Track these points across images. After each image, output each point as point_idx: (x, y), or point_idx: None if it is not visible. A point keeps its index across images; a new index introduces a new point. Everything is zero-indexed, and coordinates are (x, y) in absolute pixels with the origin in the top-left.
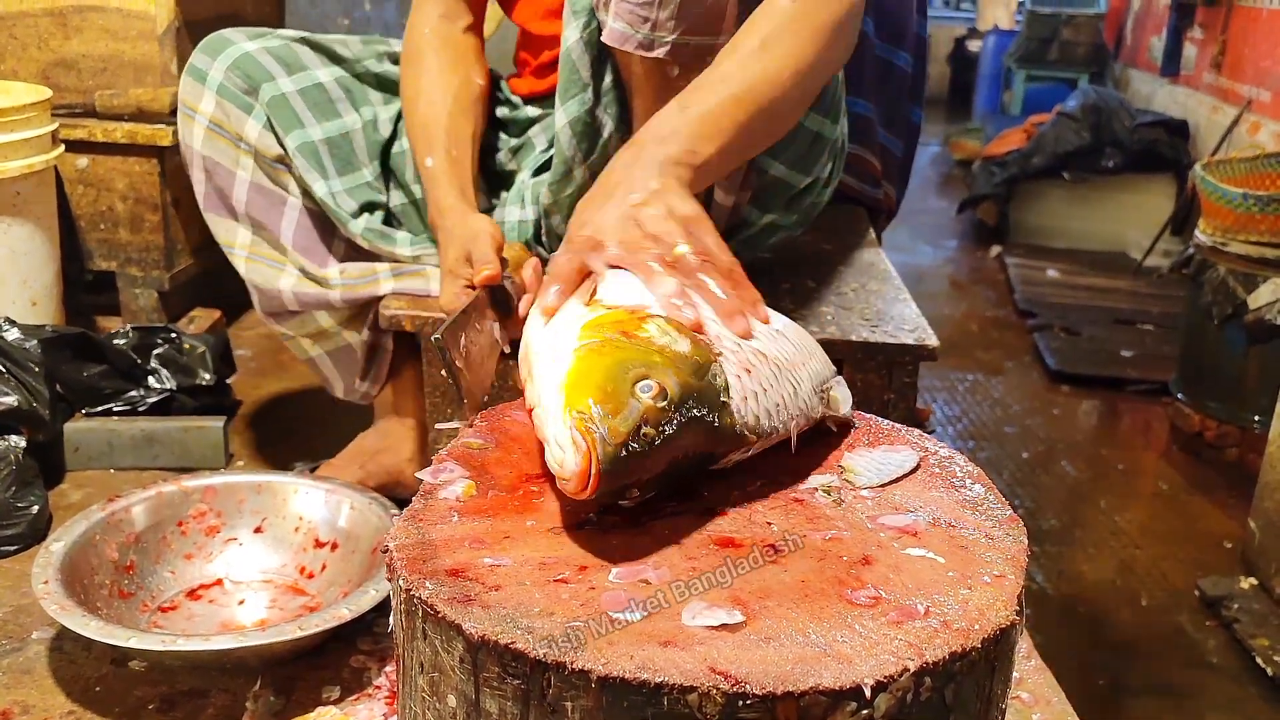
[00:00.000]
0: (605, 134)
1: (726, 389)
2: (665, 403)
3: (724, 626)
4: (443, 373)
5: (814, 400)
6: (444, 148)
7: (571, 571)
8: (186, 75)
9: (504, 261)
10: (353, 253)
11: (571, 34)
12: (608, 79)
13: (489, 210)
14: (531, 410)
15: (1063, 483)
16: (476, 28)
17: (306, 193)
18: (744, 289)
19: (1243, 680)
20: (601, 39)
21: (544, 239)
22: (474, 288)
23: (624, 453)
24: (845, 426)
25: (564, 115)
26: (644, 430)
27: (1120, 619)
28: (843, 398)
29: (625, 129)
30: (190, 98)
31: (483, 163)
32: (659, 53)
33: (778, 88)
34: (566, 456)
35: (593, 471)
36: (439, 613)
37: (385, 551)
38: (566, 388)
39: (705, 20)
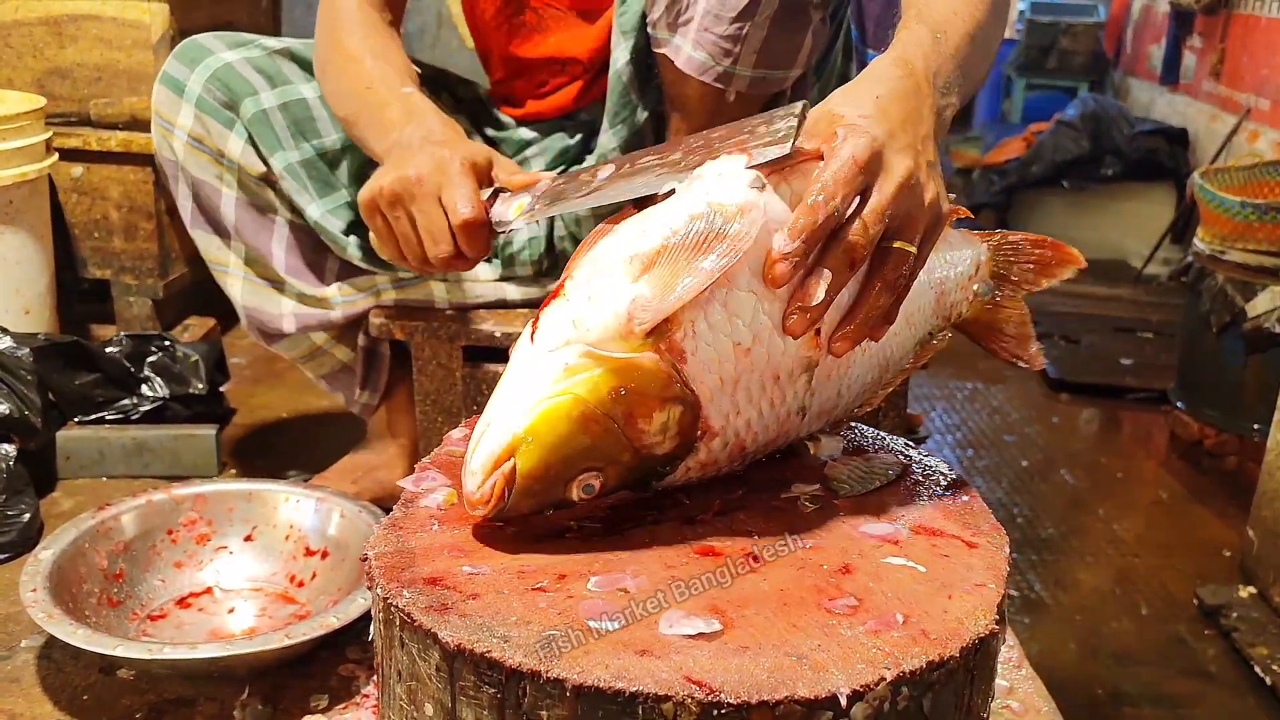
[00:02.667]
0: None
1: (670, 474)
2: (593, 495)
3: (701, 635)
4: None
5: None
6: (418, 86)
7: (550, 580)
8: (161, 85)
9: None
10: (347, 269)
11: (621, 55)
12: (650, 96)
13: None
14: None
15: (1061, 491)
16: (396, 24)
17: (294, 211)
18: (888, 315)
19: (1241, 690)
20: (678, 66)
21: (557, 251)
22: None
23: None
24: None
25: (614, 139)
26: (550, 510)
27: (1118, 628)
28: (827, 449)
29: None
30: (166, 109)
31: None
32: (735, 86)
33: (990, 26)
34: (473, 488)
35: (482, 514)
36: (416, 621)
37: (364, 560)
38: (525, 432)
39: (784, 55)
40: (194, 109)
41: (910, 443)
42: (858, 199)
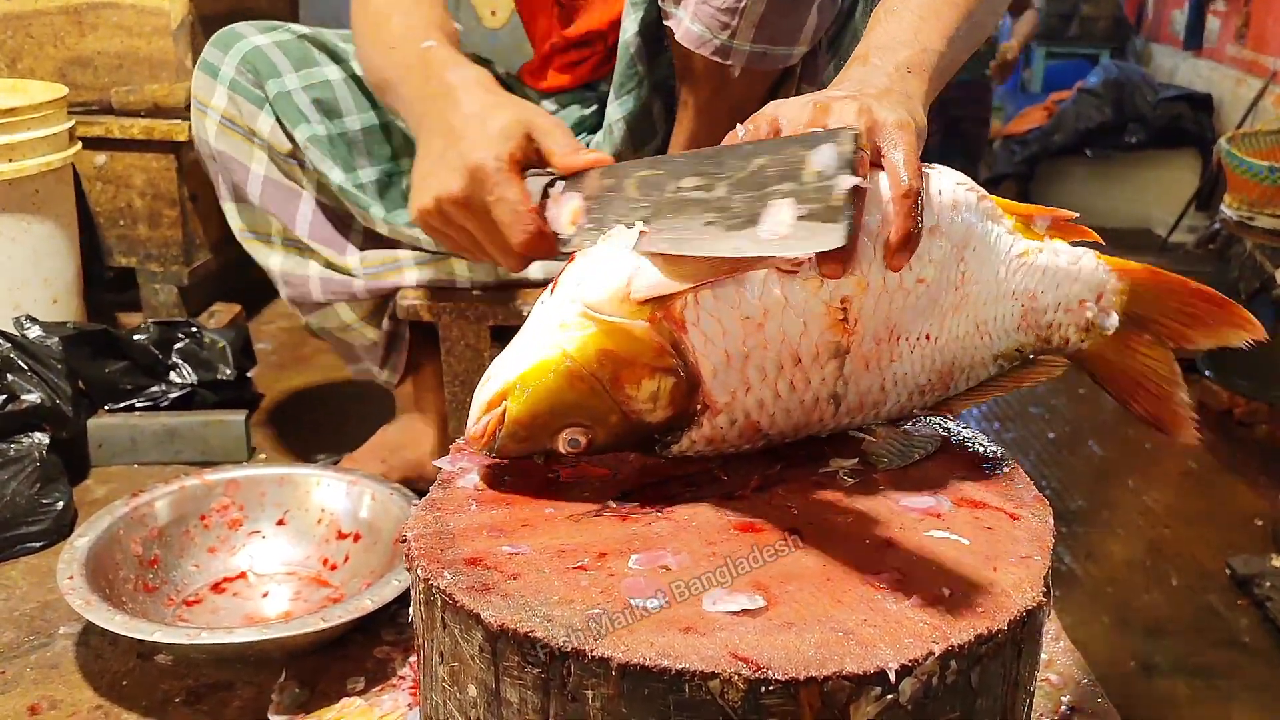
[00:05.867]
0: (656, 124)
1: (674, 443)
2: (578, 449)
3: (745, 612)
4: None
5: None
6: (444, 41)
7: (590, 559)
8: (199, 70)
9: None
10: (370, 242)
11: (630, 26)
12: (660, 70)
13: None
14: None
15: (1090, 463)
16: None
17: (320, 186)
18: (904, 219)
19: (1274, 660)
20: (677, 38)
21: None
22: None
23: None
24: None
25: (620, 110)
26: (537, 457)
27: (1150, 599)
28: (877, 454)
29: (672, 118)
30: (203, 93)
31: None
32: (734, 61)
33: None
34: (472, 424)
35: (478, 449)
36: (457, 602)
37: (404, 541)
38: (516, 380)
39: (785, 31)
40: (227, 90)
41: (947, 415)
42: None
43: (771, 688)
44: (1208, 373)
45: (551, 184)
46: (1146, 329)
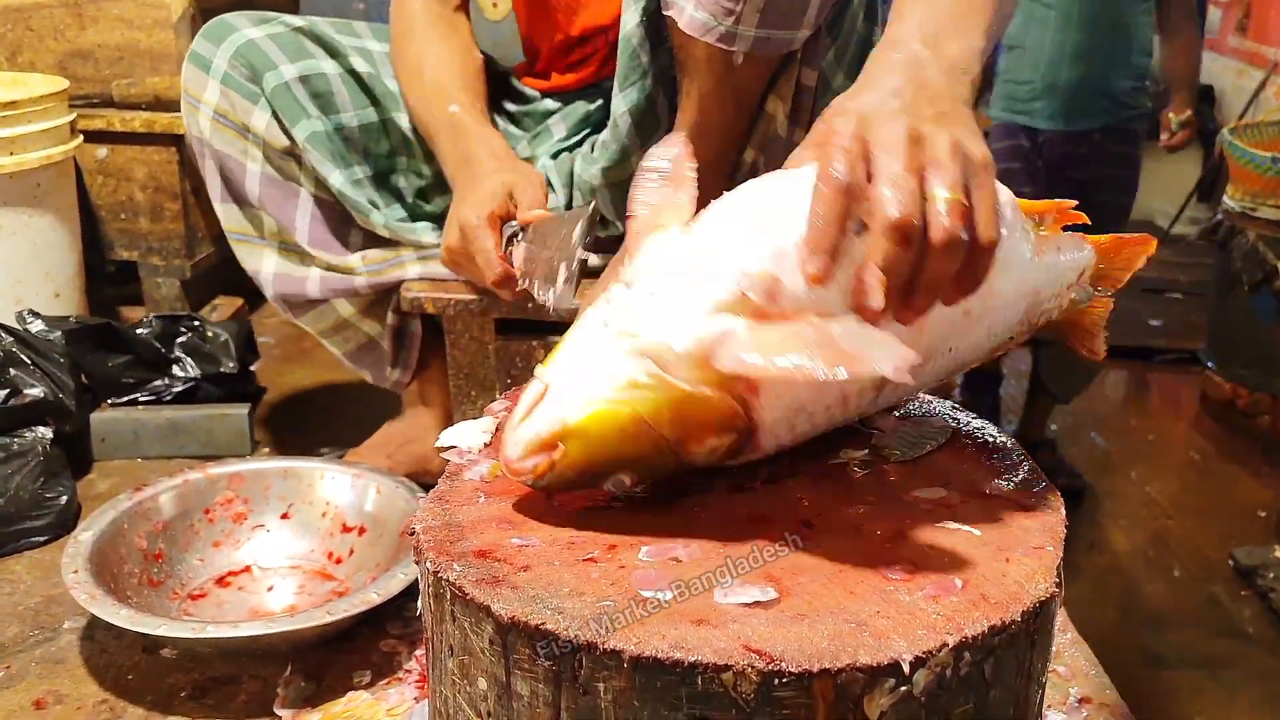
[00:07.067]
0: (660, 116)
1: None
2: (623, 490)
3: (757, 604)
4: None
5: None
6: (469, 101)
7: (601, 550)
8: (189, 63)
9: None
10: (371, 240)
11: (631, 18)
12: (662, 61)
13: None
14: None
15: (1093, 454)
16: (464, 8)
17: (318, 182)
18: (973, 276)
19: (1278, 650)
20: (680, 27)
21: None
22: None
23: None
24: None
25: (624, 102)
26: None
27: (1153, 590)
28: (888, 445)
29: (675, 109)
30: (194, 86)
31: None
32: (739, 47)
33: None
34: (514, 456)
35: (519, 480)
36: (467, 595)
37: (412, 534)
38: (576, 427)
39: (789, 15)
40: (219, 84)
41: (957, 405)
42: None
43: (785, 680)
44: (1210, 364)
45: (515, 233)
46: (1100, 284)
